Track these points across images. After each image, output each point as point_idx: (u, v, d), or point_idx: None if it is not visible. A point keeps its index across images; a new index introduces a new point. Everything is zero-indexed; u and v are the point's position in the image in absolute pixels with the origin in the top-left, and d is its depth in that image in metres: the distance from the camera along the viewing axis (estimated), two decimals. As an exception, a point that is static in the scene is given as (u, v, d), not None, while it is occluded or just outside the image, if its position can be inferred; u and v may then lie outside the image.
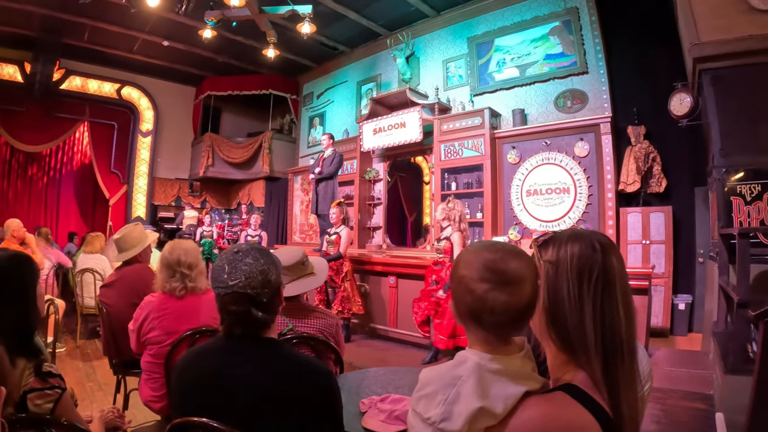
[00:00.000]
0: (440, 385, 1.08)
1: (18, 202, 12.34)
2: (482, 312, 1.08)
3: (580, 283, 1.09)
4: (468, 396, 1.03)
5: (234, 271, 1.55)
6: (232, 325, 1.56)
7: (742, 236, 3.59)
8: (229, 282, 1.53)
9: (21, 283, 1.77)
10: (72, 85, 12.20)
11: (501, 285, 1.06)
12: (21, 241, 5.66)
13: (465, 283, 1.11)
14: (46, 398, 1.66)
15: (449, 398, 1.05)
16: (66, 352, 5.83)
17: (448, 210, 5.65)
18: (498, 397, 1.02)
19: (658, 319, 6.54)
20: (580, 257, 1.11)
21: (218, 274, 1.57)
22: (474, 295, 1.08)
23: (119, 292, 3.54)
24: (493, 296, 1.06)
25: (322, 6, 9.00)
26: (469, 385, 1.04)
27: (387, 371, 2.71)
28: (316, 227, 9.68)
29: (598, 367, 1.06)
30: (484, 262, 1.10)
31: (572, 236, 1.17)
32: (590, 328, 1.07)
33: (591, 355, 1.07)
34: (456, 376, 1.08)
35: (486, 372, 1.06)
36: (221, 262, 1.59)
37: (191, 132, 14.04)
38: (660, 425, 3.80)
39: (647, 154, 6.73)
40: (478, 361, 1.08)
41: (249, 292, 1.53)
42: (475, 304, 1.09)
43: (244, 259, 1.57)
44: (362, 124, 9.65)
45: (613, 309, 1.08)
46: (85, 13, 9.52)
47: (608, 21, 7.44)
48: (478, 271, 1.09)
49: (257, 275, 1.56)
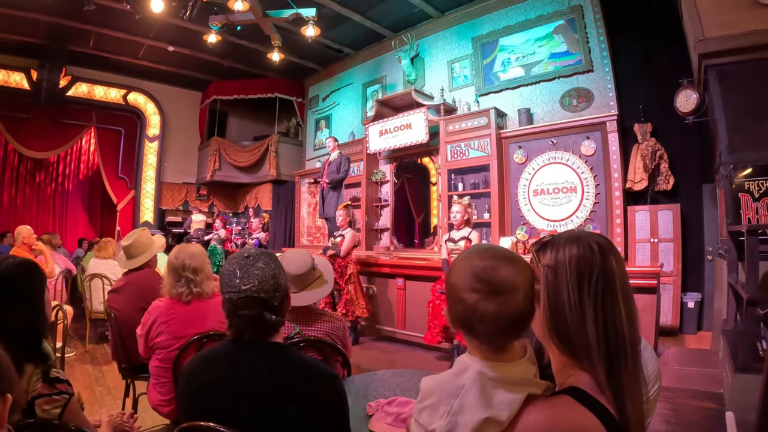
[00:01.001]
0: (443, 396, 1.07)
1: (26, 208, 12.45)
2: (472, 321, 1.07)
3: (580, 287, 1.07)
4: (472, 406, 1.02)
5: (247, 275, 1.56)
6: (243, 329, 1.56)
7: (750, 233, 3.56)
8: (242, 286, 1.54)
9: (29, 289, 1.77)
10: (78, 91, 12.29)
11: (490, 295, 1.05)
12: (32, 248, 5.70)
13: (455, 291, 1.10)
14: (53, 404, 1.66)
15: (453, 409, 1.04)
16: (75, 357, 5.86)
17: (465, 208, 5.65)
18: (502, 404, 1.01)
19: (667, 317, 6.50)
20: (578, 260, 1.09)
21: (229, 279, 1.57)
22: (464, 304, 1.07)
23: (127, 297, 3.56)
24: (483, 306, 1.05)
25: (326, 9, 9.01)
26: (473, 394, 1.03)
27: (394, 374, 2.70)
28: (324, 230, 9.71)
29: (602, 370, 1.04)
30: (474, 270, 1.09)
31: (570, 239, 1.15)
32: (592, 331, 1.05)
33: (594, 358, 1.05)
34: (458, 385, 1.06)
35: (488, 380, 1.04)
36: (232, 267, 1.59)
37: (198, 136, 14.10)
38: (670, 425, 3.77)
39: (654, 151, 6.69)
40: (480, 369, 1.06)
41: (262, 296, 1.55)
42: (466, 313, 1.07)
43: (255, 264, 1.59)
44: (368, 126, 9.66)
45: (615, 310, 1.07)
46: (90, 20, 9.58)
47: (612, 18, 7.42)
48: (468, 280, 1.08)
49: (269, 279, 1.58)
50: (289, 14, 8.09)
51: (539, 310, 1.11)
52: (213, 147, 12.82)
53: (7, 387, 1.21)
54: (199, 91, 13.90)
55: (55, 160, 12.88)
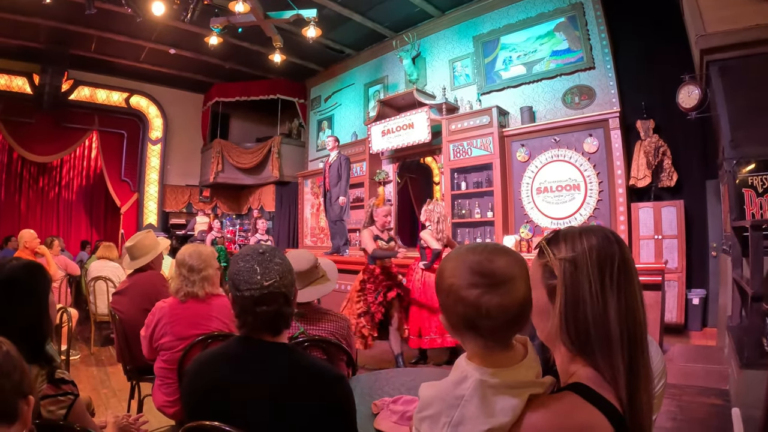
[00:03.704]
0: (443, 407, 1.04)
1: (30, 213, 12.48)
2: (477, 318, 1.04)
3: (602, 277, 1.03)
4: (473, 418, 0.99)
5: (267, 271, 1.56)
6: (259, 326, 1.55)
7: (754, 228, 3.56)
8: (264, 282, 1.53)
9: (34, 290, 1.78)
10: (80, 95, 12.34)
11: (492, 287, 1.03)
12: (35, 252, 5.71)
13: (454, 291, 1.07)
14: (59, 405, 1.67)
15: (453, 420, 1.01)
16: (80, 360, 5.87)
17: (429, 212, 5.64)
18: (504, 411, 0.99)
19: (672, 314, 6.48)
20: (599, 250, 1.05)
21: (249, 275, 1.55)
22: (466, 302, 1.04)
23: (131, 298, 3.57)
24: (487, 300, 1.02)
25: (327, 9, 9.02)
26: (473, 405, 1.00)
27: (399, 372, 2.71)
28: (327, 230, 9.72)
29: (622, 363, 1.01)
30: (470, 265, 1.07)
31: (585, 230, 1.10)
32: (615, 322, 1.01)
33: (615, 351, 1.01)
34: (458, 396, 1.03)
35: (488, 388, 1.01)
36: (249, 263, 1.57)
37: (200, 139, 14.13)
38: (676, 422, 3.76)
39: (657, 148, 6.68)
40: (479, 378, 1.03)
41: (283, 290, 1.57)
42: (469, 311, 1.04)
43: (273, 259, 1.60)
44: (370, 126, 9.68)
45: (636, 300, 1.04)
46: (91, 24, 9.59)
47: (613, 15, 7.40)
48: (466, 276, 1.06)
49: (287, 274, 1.61)
50: (290, 15, 8.10)
51: (554, 308, 1.06)
52: (216, 149, 12.84)
53: (29, 388, 1.25)
54: (201, 94, 13.92)
55: (58, 164, 12.90)
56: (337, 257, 8.01)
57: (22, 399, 1.21)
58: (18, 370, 1.22)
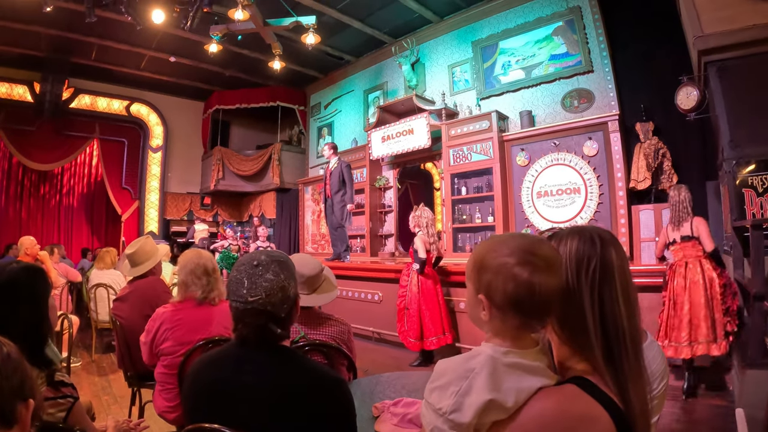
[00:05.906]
0: (453, 377, 1.09)
1: (32, 220, 12.52)
2: (527, 296, 1.06)
3: (578, 274, 1.14)
4: (480, 389, 1.04)
5: (254, 287, 1.51)
6: (248, 334, 1.54)
7: (755, 228, 3.56)
8: (248, 298, 1.49)
9: (33, 293, 1.79)
10: (81, 103, 12.39)
11: (544, 269, 1.06)
12: (35, 259, 5.72)
13: (507, 269, 1.08)
14: (58, 407, 1.66)
15: (461, 390, 1.05)
16: (81, 367, 5.86)
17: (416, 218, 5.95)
18: (510, 391, 1.03)
19: (674, 316, 6.45)
20: (578, 250, 1.17)
21: (236, 287, 1.52)
22: (518, 280, 1.06)
23: (132, 305, 3.57)
24: (538, 278, 1.05)
25: (326, 16, 9.07)
26: (482, 377, 1.05)
27: (400, 376, 2.70)
28: (328, 237, 9.73)
29: (600, 354, 1.08)
30: (520, 246, 1.10)
31: (573, 231, 1.22)
32: (589, 315, 1.11)
33: (592, 342, 1.09)
34: (469, 368, 1.08)
35: (500, 365, 1.06)
36: (240, 275, 1.54)
37: (201, 146, 14.16)
38: (680, 423, 3.76)
39: (657, 150, 6.68)
40: (491, 354, 1.08)
41: (269, 309, 1.50)
42: (520, 289, 1.06)
43: (264, 275, 1.53)
44: (370, 132, 9.69)
45: (613, 299, 1.12)
46: (92, 32, 9.64)
47: (611, 19, 7.42)
48: (520, 255, 1.08)
49: (277, 292, 1.52)
50: (290, 22, 8.12)
51: None
52: (216, 156, 12.86)
53: (30, 392, 1.24)
54: (201, 101, 13.97)
55: (59, 172, 12.95)
56: (339, 263, 8.03)
57: (21, 402, 1.20)
58: (19, 373, 1.21)
